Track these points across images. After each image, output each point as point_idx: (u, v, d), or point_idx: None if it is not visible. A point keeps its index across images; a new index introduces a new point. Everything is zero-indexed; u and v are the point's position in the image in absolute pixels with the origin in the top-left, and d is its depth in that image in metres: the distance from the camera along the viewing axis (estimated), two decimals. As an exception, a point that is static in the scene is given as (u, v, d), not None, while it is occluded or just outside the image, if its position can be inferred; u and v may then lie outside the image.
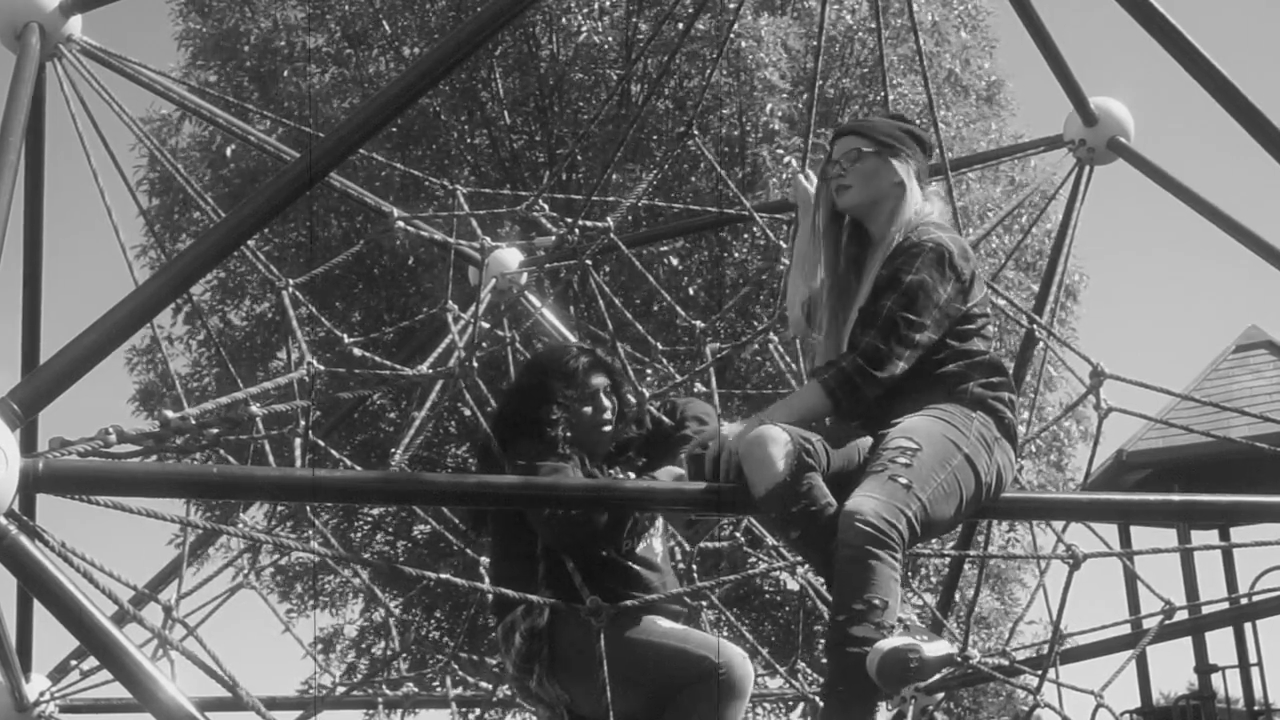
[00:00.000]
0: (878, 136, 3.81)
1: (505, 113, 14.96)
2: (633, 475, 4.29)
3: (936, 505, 3.41)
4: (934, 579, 13.76)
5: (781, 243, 6.02)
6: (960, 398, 3.61)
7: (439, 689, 6.62)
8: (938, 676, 3.86)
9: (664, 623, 4.07)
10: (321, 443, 5.66)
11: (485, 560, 5.90)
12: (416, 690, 6.87)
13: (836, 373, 3.56)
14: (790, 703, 11.47)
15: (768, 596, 14.86)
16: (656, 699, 3.97)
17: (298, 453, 5.12)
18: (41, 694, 5.32)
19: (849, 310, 3.73)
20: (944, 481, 3.43)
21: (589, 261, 5.84)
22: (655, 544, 4.25)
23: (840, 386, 3.54)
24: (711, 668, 3.90)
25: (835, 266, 3.86)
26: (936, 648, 3.29)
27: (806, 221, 4.01)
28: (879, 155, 3.79)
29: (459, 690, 6.26)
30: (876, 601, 3.20)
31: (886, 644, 3.16)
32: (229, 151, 13.96)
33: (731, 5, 12.86)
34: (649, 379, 8.79)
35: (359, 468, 7.44)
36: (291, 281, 5.45)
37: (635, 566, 4.12)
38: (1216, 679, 12.81)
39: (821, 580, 4.05)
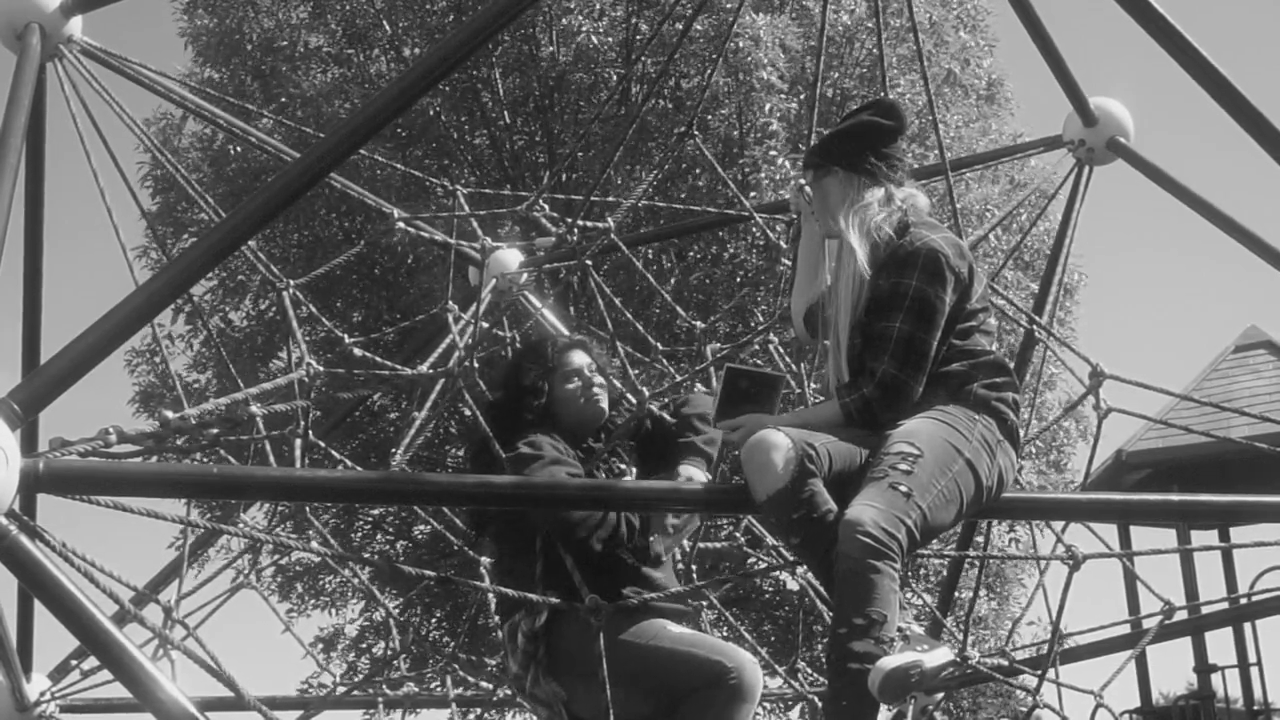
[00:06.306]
0: (813, 163, 3.87)
1: (505, 113, 14.96)
2: (623, 466, 4.31)
3: (937, 512, 3.41)
4: (933, 579, 13.76)
5: (781, 242, 6.03)
6: (964, 399, 3.60)
7: (439, 689, 6.63)
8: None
9: (674, 628, 4.06)
10: (321, 443, 5.65)
11: (486, 560, 5.92)
12: (416, 690, 6.87)
13: (859, 399, 3.58)
14: (789, 702, 11.45)
15: (767, 596, 14.86)
16: (664, 703, 3.96)
17: (298, 453, 5.12)
18: (42, 694, 5.32)
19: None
20: (945, 488, 3.42)
21: (589, 262, 5.84)
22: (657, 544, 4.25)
23: (860, 412, 3.58)
24: (722, 673, 3.90)
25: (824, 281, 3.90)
26: (937, 656, 3.30)
27: (808, 229, 4.01)
28: (815, 182, 3.86)
29: (459, 690, 6.27)
30: (876, 616, 3.21)
31: (888, 663, 3.17)
32: (234, 150, 13.96)
33: (729, 5, 12.87)
34: (646, 377, 8.79)
35: (359, 468, 7.44)
36: (292, 282, 5.46)
37: (633, 561, 4.12)
38: (1216, 679, 12.81)
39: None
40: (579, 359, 4.35)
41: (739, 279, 13.64)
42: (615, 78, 13.81)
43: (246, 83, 14.72)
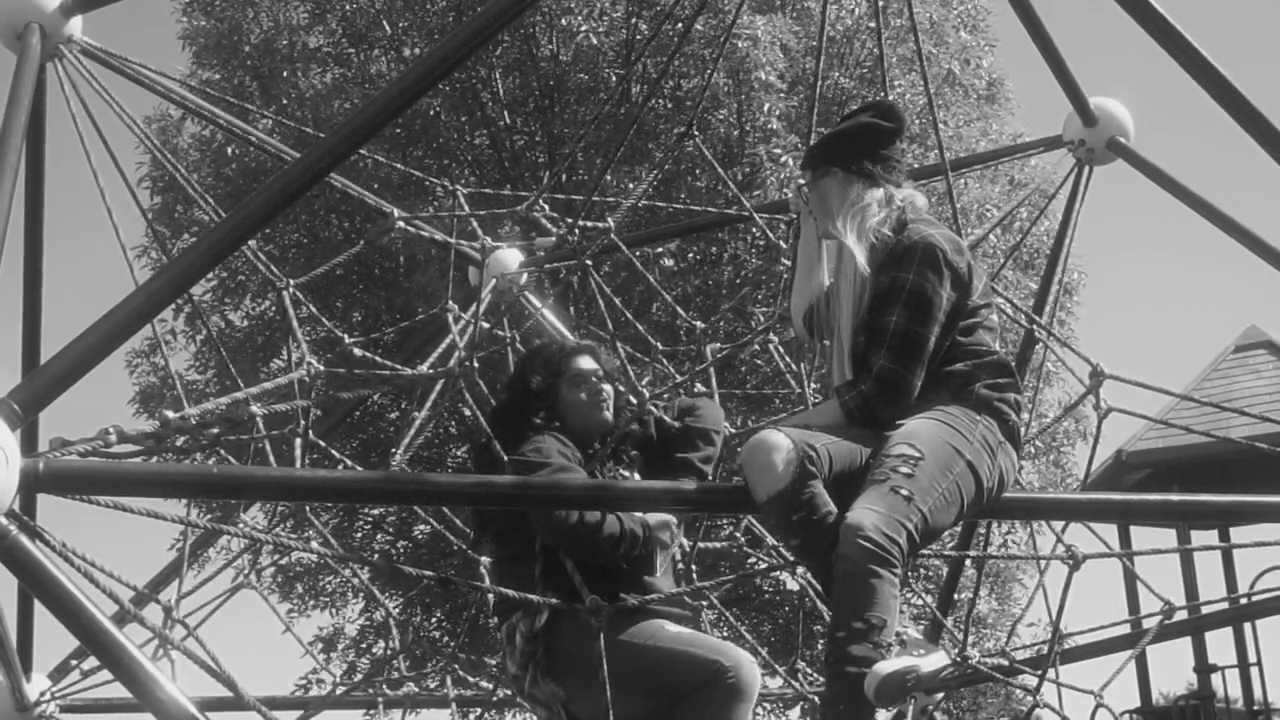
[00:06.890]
0: (811, 166, 3.89)
1: (505, 113, 14.96)
2: (625, 473, 4.30)
3: (938, 514, 3.41)
4: (933, 578, 13.76)
5: (781, 242, 6.03)
6: (966, 399, 3.60)
7: (439, 689, 6.63)
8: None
9: (672, 627, 4.06)
10: (322, 443, 5.65)
11: (486, 560, 5.91)
12: (416, 690, 6.87)
13: (858, 397, 3.58)
14: (789, 702, 11.46)
15: (768, 596, 14.86)
16: (663, 702, 3.97)
17: (298, 453, 5.11)
18: (42, 694, 5.32)
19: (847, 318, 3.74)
20: (946, 490, 3.42)
21: (589, 262, 5.84)
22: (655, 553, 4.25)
23: (860, 409, 3.59)
24: (719, 671, 3.90)
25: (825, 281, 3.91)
26: (933, 661, 3.31)
27: (808, 228, 4.01)
28: (814, 182, 3.87)
29: (459, 690, 6.27)
30: (875, 620, 3.21)
31: (885, 668, 3.17)
32: (233, 150, 13.97)
33: (727, 6, 12.87)
34: (648, 379, 8.79)
35: (359, 468, 7.43)
36: (292, 282, 5.45)
37: (629, 566, 4.12)
38: (1216, 679, 12.81)
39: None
40: (586, 364, 4.34)
41: (739, 279, 13.65)
42: (615, 78, 13.81)
43: (246, 83, 14.72)
